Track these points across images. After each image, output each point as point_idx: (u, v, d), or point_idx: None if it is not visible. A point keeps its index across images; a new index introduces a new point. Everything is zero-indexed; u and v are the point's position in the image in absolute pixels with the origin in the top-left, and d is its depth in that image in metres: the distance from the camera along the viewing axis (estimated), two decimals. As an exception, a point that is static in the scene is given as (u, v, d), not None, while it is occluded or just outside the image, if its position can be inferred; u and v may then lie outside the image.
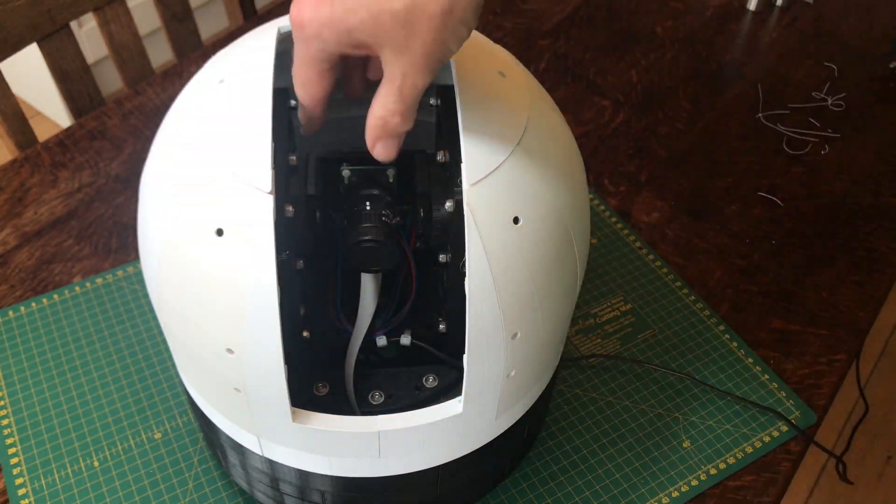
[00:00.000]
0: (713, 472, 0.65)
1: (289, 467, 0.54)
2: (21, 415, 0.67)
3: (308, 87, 0.46)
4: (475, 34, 0.53)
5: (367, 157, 0.56)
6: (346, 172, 0.55)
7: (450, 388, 0.54)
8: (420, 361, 0.55)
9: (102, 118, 0.93)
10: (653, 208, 0.85)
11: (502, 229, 0.45)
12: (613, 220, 0.83)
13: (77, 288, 0.76)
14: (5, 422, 0.67)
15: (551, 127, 0.51)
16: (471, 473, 0.57)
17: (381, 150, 0.46)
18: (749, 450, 0.66)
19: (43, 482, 0.63)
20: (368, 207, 0.52)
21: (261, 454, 0.54)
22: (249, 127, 0.46)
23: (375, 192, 0.53)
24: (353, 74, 0.52)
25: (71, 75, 0.98)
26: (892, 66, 1.00)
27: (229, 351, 0.46)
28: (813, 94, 0.98)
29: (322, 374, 0.53)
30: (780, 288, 0.78)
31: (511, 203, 0.46)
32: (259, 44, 0.50)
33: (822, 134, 0.93)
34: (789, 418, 0.68)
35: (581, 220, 0.51)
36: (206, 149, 0.47)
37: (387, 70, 0.43)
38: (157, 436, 0.66)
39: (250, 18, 1.19)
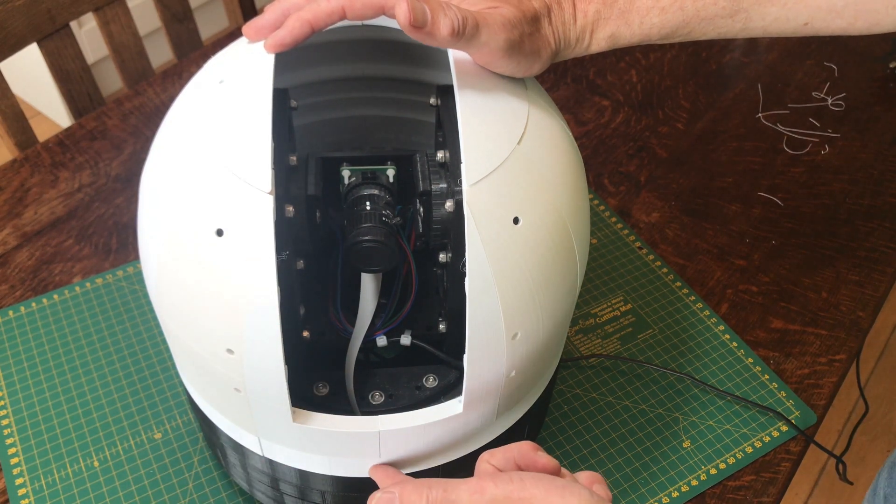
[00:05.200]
0: (713, 472, 0.65)
1: (289, 467, 0.54)
2: (21, 415, 0.67)
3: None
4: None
5: (367, 157, 0.56)
6: (346, 172, 0.55)
7: (450, 388, 0.54)
8: (420, 361, 0.55)
9: (102, 118, 0.93)
10: (653, 208, 0.85)
11: (502, 229, 0.45)
12: (613, 220, 0.83)
13: (77, 288, 0.76)
14: (5, 422, 0.67)
15: (551, 127, 0.51)
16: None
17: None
18: (749, 450, 0.66)
19: (43, 482, 0.63)
20: (368, 207, 0.52)
21: (261, 454, 0.54)
22: (249, 127, 0.46)
23: (375, 192, 0.53)
24: None
25: (71, 75, 0.98)
26: (892, 66, 1.00)
27: (229, 351, 0.46)
28: (813, 94, 0.98)
29: (322, 374, 0.54)
30: (780, 288, 0.78)
31: (511, 203, 0.46)
32: (259, 44, 0.50)
33: (822, 134, 0.93)
34: (789, 418, 0.68)
35: (581, 220, 0.51)
36: (206, 149, 0.47)
37: None
38: (157, 436, 0.66)
39: (250, 18, 1.19)
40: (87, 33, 1.80)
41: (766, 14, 0.52)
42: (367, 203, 0.52)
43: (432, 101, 0.54)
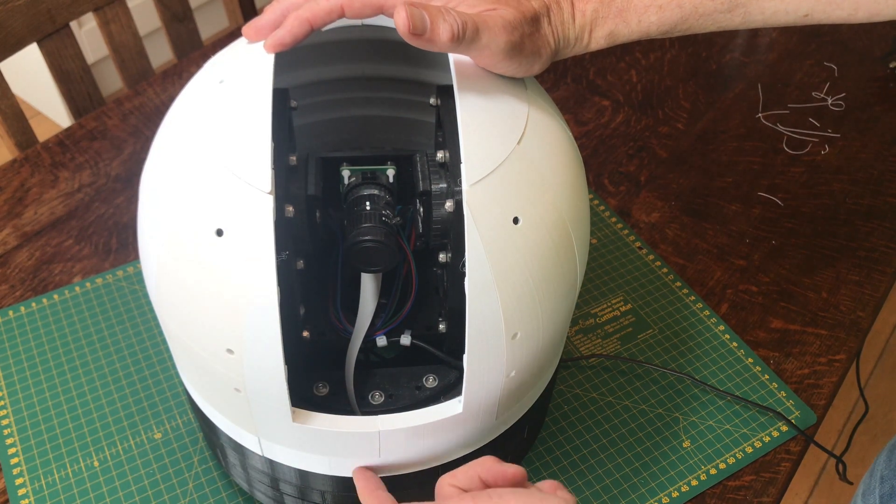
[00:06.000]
0: (713, 472, 0.65)
1: (289, 467, 0.54)
2: (21, 415, 0.67)
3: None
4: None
5: (367, 157, 0.56)
6: (346, 172, 0.55)
7: (450, 388, 0.54)
8: (420, 361, 0.55)
9: (102, 118, 0.93)
10: (653, 208, 0.85)
11: (502, 229, 0.45)
12: (613, 220, 0.83)
13: (77, 288, 0.76)
14: (5, 422, 0.67)
15: (551, 127, 0.51)
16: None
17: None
18: (749, 450, 0.66)
19: (43, 482, 0.63)
20: (368, 207, 0.52)
21: (261, 454, 0.54)
22: (249, 127, 0.46)
23: (375, 192, 0.53)
24: None
25: (71, 75, 0.98)
26: (892, 66, 1.00)
27: (229, 351, 0.46)
28: (813, 94, 0.98)
29: (322, 374, 0.54)
30: (780, 288, 0.78)
31: (511, 203, 0.46)
32: (259, 44, 0.50)
33: (822, 134, 0.93)
34: (789, 418, 0.68)
35: (581, 220, 0.51)
36: (206, 149, 0.47)
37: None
38: (157, 436, 0.66)
39: (250, 18, 1.19)
40: (87, 33, 1.80)
41: (765, 8, 0.52)
42: (367, 203, 0.52)
43: (432, 101, 0.54)
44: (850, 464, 0.75)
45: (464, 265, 0.46)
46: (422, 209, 0.53)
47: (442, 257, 0.52)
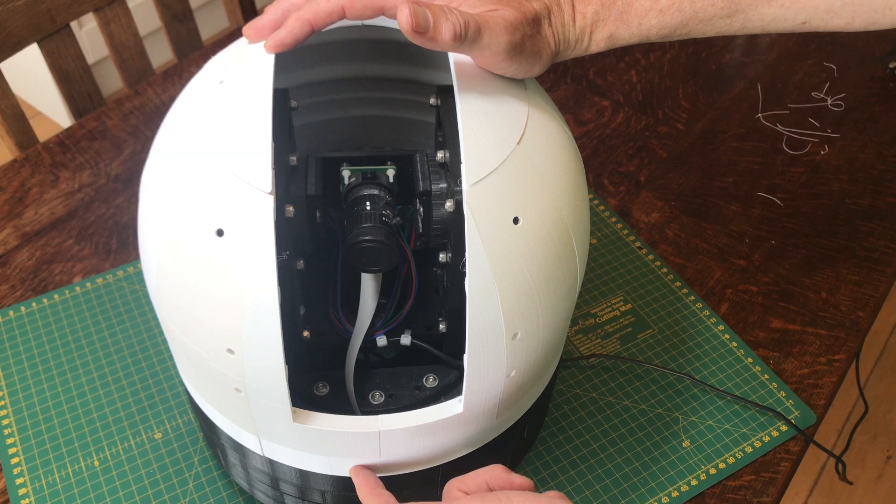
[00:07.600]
0: (713, 472, 0.65)
1: (289, 467, 0.54)
2: (21, 415, 0.67)
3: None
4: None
5: (367, 157, 0.56)
6: (346, 172, 0.55)
7: (450, 388, 0.54)
8: (420, 361, 0.55)
9: (102, 118, 0.93)
10: (653, 208, 0.85)
11: (502, 229, 0.45)
12: (613, 220, 0.83)
13: (77, 288, 0.76)
14: (5, 422, 0.67)
15: (551, 127, 0.51)
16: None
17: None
18: (749, 450, 0.66)
19: (43, 482, 0.63)
20: (368, 207, 0.52)
21: (261, 454, 0.54)
22: (249, 127, 0.46)
23: (375, 192, 0.53)
24: None
25: (71, 75, 0.98)
26: (891, 66, 1.00)
27: (229, 351, 0.46)
28: (813, 94, 0.98)
29: (322, 374, 0.54)
30: (780, 288, 0.78)
31: (511, 203, 0.46)
32: (259, 44, 0.50)
33: (822, 134, 0.93)
34: (789, 418, 0.68)
35: (581, 220, 0.51)
36: (207, 149, 0.47)
37: None
38: (157, 436, 0.66)
39: (250, 18, 1.19)
40: (88, 33, 1.80)
41: (765, 15, 0.52)
42: (367, 203, 0.52)
43: (432, 101, 0.54)
44: (850, 464, 0.75)
45: (464, 265, 0.46)
46: (422, 209, 0.53)
47: (442, 257, 0.52)
